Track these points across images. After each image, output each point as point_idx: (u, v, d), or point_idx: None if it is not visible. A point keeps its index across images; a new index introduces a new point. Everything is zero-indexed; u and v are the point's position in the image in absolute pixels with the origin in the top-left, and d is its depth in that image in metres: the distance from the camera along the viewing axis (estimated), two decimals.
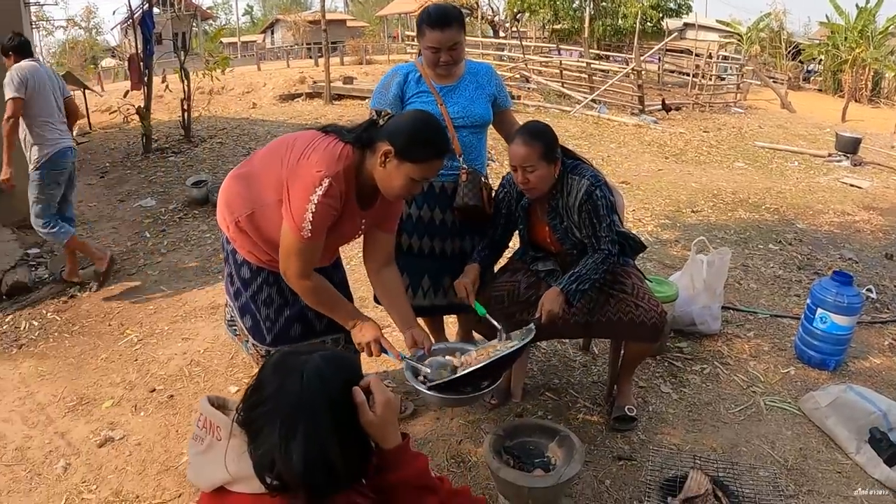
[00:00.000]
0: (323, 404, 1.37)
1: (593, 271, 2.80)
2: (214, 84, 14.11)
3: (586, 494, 2.77)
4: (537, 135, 2.75)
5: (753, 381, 3.68)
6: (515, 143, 2.76)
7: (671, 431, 3.21)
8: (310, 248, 2.27)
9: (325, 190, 2.17)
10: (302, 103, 16.39)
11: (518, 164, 2.74)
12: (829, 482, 2.88)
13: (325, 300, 2.46)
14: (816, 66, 29.65)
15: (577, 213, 2.83)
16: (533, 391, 3.49)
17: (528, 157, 2.71)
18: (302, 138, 2.34)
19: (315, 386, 1.37)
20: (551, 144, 2.76)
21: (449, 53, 2.92)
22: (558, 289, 2.75)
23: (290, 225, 2.23)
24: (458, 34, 2.91)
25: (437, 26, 2.86)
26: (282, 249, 2.31)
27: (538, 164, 2.72)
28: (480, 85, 3.12)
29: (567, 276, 2.79)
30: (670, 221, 6.80)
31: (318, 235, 2.24)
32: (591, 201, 2.80)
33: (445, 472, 2.89)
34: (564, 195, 2.86)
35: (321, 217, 2.21)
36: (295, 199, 2.21)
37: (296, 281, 2.35)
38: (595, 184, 2.82)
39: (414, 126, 2.25)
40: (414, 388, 2.41)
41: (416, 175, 2.25)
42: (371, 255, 2.65)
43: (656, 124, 13.75)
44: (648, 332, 2.89)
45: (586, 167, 2.90)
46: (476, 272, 2.95)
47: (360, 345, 2.46)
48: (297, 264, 2.30)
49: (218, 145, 10.27)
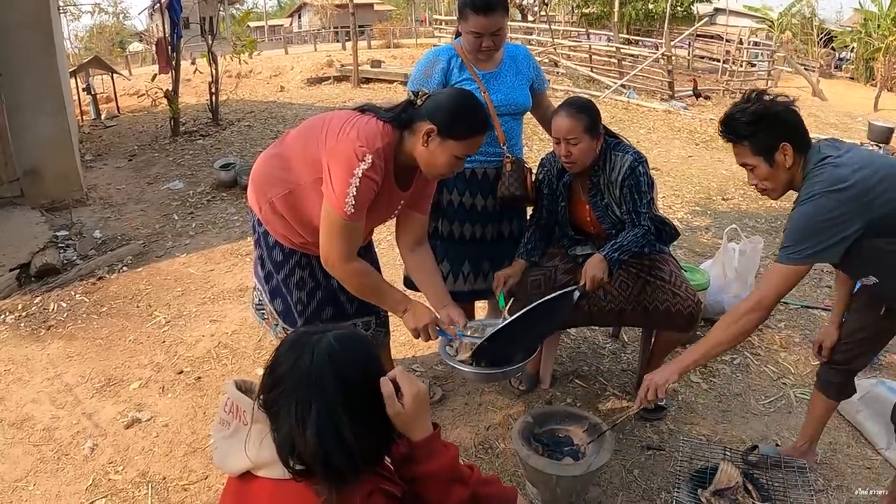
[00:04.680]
0: (333, 381, 1.34)
1: (634, 244, 2.76)
2: (242, 68, 14.14)
3: (614, 483, 2.73)
4: (581, 108, 2.73)
5: (784, 372, 3.62)
6: (560, 115, 2.73)
7: (700, 422, 3.16)
8: (353, 228, 2.24)
9: (368, 164, 2.15)
10: (330, 87, 16.35)
11: (562, 137, 2.72)
12: (858, 478, 2.82)
13: (371, 285, 2.42)
14: (848, 54, 29.05)
15: (619, 187, 2.82)
16: (562, 378, 3.46)
17: (573, 129, 2.69)
18: (338, 117, 2.31)
19: (324, 362, 1.35)
20: (595, 118, 2.75)
21: (492, 39, 2.85)
22: (601, 255, 2.71)
23: (332, 203, 2.19)
24: (502, 19, 2.83)
25: (481, 11, 2.77)
26: (323, 232, 2.27)
27: (582, 136, 2.70)
28: (520, 70, 3.07)
29: (609, 245, 2.75)
30: (701, 209, 6.71)
31: (360, 213, 2.21)
32: (634, 176, 2.78)
33: (473, 458, 2.87)
34: (607, 171, 2.84)
35: (364, 193, 2.18)
36: (337, 175, 2.17)
37: (340, 265, 2.30)
38: (638, 160, 2.81)
39: (455, 103, 2.23)
40: (445, 370, 2.39)
41: (460, 152, 2.23)
42: (405, 236, 2.63)
43: (686, 110, 13.57)
44: (684, 321, 2.84)
45: (628, 145, 2.90)
46: (519, 269, 2.97)
47: (416, 329, 2.41)
48: (340, 246, 2.25)
49: (246, 128, 10.30)
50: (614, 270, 2.74)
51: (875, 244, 2.09)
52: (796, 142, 2.17)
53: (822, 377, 2.67)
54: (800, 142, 2.19)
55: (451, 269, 3.17)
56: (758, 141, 2.19)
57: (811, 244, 2.08)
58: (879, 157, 2.20)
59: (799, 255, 2.11)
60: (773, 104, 2.20)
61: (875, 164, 2.10)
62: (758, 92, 2.27)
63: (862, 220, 2.04)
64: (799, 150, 2.18)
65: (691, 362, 2.33)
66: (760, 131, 2.17)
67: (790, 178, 2.22)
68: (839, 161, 2.09)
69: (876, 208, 2.04)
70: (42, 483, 2.78)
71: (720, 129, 2.30)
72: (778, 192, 2.28)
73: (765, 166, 2.21)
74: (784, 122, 2.18)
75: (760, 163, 2.21)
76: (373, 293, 2.44)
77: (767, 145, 2.18)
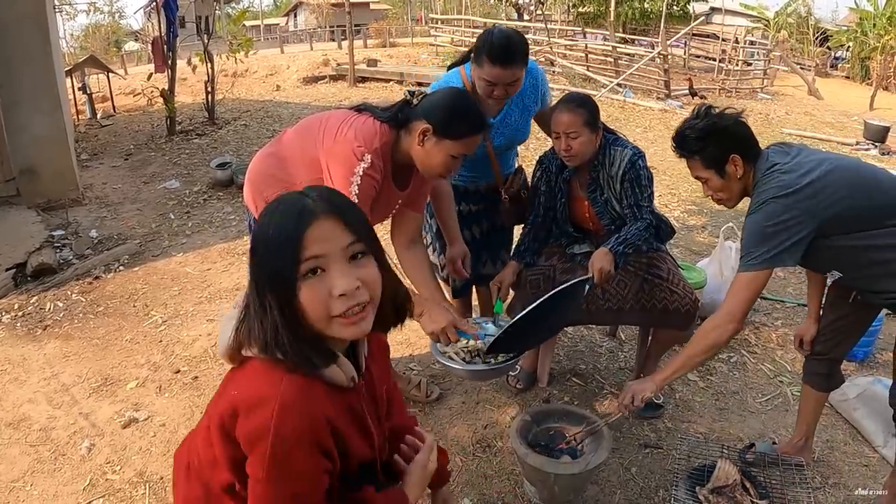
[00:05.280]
0: (272, 245, 1.24)
1: (637, 237, 2.78)
2: (238, 67, 14.12)
3: (612, 482, 2.74)
4: (581, 103, 2.75)
5: (781, 370, 3.63)
6: (559, 110, 2.74)
7: (698, 420, 3.17)
8: None
9: (368, 164, 2.15)
10: (326, 86, 16.35)
11: (562, 131, 2.72)
12: (855, 475, 2.83)
13: None
14: (844, 53, 29.09)
15: (620, 182, 2.83)
16: (559, 376, 3.46)
17: (573, 123, 2.70)
18: (335, 116, 2.32)
19: (267, 222, 1.27)
20: (594, 113, 2.76)
21: (505, 88, 2.67)
22: (606, 248, 2.72)
23: None
24: (520, 70, 2.65)
25: (498, 62, 2.58)
26: None
27: (581, 130, 2.71)
28: (526, 107, 2.99)
29: (614, 239, 2.76)
30: (697, 207, 6.71)
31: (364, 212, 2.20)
32: (635, 170, 2.80)
33: (471, 456, 2.87)
34: (606, 166, 2.84)
35: (366, 192, 2.18)
36: (337, 175, 2.18)
37: None
38: (638, 153, 2.83)
39: (451, 103, 2.23)
40: (443, 369, 2.38)
41: (456, 151, 2.23)
42: (400, 234, 2.63)
43: (682, 109, 13.57)
44: (682, 319, 2.85)
45: (626, 140, 2.91)
46: (513, 270, 2.99)
47: (434, 333, 2.38)
48: None
49: (242, 127, 10.29)
50: (620, 263, 2.75)
51: (831, 242, 2.17)
52: (745, 153, 2.27)
53: (807, 370, 2.72)
54: (749, 152, 2.28)
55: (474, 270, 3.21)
56: (707, 155, 2.30)
57: (766, 249, 2.15)
58: (829, 157, 2.24)
59: (756, 260, 2.18)
60: (721, 118, 2.31)
61: (823, 165, 2.16)
62: (706, 107, 2.37)
63: (814, 222, 2.11)
64: (748, 161, 2.28)
65: (669, 374, 2.41)
66: (710, 145, 2.28)
67: (743, 187, 2.32)
68: (786, 167, 2.17)
69: (826, 209, 2.11)
70: (39, 483, 2.77)
71: (672, 145, 2.40)
72: (733, 201, 2.38)
73: (717, 178, 2.31)
74: (732, 135, 2.28)
75: (712, 175, 2.32)
76: None
77: (717, 158, 2.28)
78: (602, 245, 2.77)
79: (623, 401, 2.39)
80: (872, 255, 2.17)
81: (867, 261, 2.19)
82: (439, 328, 2.36)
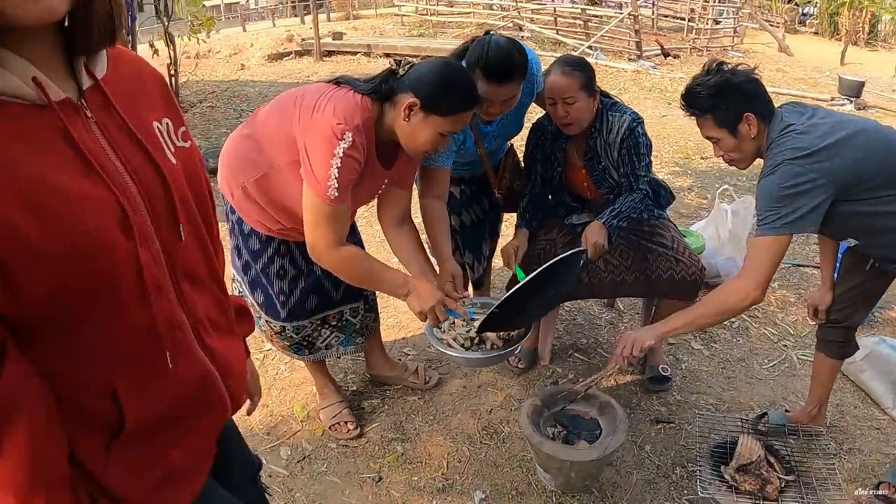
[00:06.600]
0: None
1: (632, 210, 2.64)
2: (200, 48, 13.75)
3: (627, 462, 2.63)
4: (576, 65, 2.56)
5: (783, 334, 3.55)
6: (554, 74, 2.55)
7: (707, 390, 3.07)
8: (339, 212, 2.04)
9: (349, 143, 1.94)
10: (292, 62, 15.97)
11: (557, 97, 2.53)
12: (868, 439, 2.77)
13: (366, 271, 2.21)
14: (812, 9, 29.08)
15: (618, 149, 2.66)
16: (560, 353, 3.34)
17: (569, 87, 2.51)
18: (311, 91, 2.10)
19: None
20: (591, 75, 2.58)
21: (500, 106, 2.43)
22: (600, 222, 2.58)
23: (313, 188, 1.99)
24: (517, 87, 2.39)
25: (494, 79, 2.31)
26: (307, 220, 2.07)
27: (578, 95, 2.52)
28: (520, 104, 2.64)
29: (608, 212, 2.62)
30: (681, 168, 6.61)
31: (345, 195, 2.01)
32: (633, 137, 2.63)
33: (479, 445, 2.74)
34: (604, 133, 2.67)
35: (347, 174, 1.98)
36: (316, 157, 1.97)
37: (328, 254, 2.10)
38: (636, 120, 2.67)
39: (441, 75, 2.01)
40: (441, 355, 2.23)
41: (444, 128, 2.03)
42: (388, 212, 2.43)
43: (655, 69, 13.45)
44: (688, 288, 2.73)
45: (625, 105, 2.73)
46: (524, 237, 2.83)
47: (422, 313, 2.20)
48: (327, 233, 2.06)
49: (208, 109, 9.99)
50: (614, 238, 2.61)
51: (848, 208, 2.06)
52: (759, 111, 2.13)
53: (822, 338, 2.61)
54: (763, 111, 2.14)
55: (474, 257, 3.10)
56: (720, 113, 2.15)
57: (785, 213, 2.02)
58: (846, 119, 2.11)
59: (777, 224, 2.05)
60: (733, 75, 2.15)
61: (840, 128, 2.04)
62: (717, 63, 2.21)
63: (832, 186, 1.99)
64: (762, 119, 2.14)
65: (673, 329, 2.27)
66: (722, 103, 2.14)
67: (756, 148, 2.18)
68: (802, 128, 2.05)
69: (844, 172, 2.00)
70: None
71: (681, 103, 2.25)
72: (746, 161, 2.25)
73: (729, 138, 2.18)
74: (746, 93, 2.14)
75: (725, 135, 2.18)
76: (368, 278, 2.25)
77: (730, 117, 2.14)
78: (596, 218, 2.63)
79: (622, 351, 2.25)
80: (890, 221, 2.07)
81: (885, 227, 2.09)
82: (427, 307, 2.18)
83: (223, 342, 1.19)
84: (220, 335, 1.19)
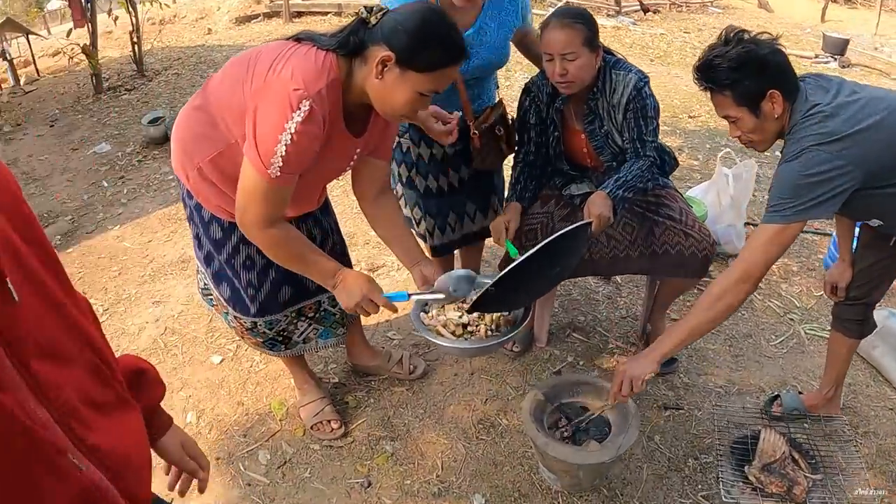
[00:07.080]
0: None
1: (638, 179, 2.36)
2: (164, 13, 13.25)
3: (637, 455, 2.43)
4: (578, 16, 2.28)
5: (789, 306, 3.36)
6: (552, 28, 2.26)
7: (715, 371, 2.87)
8: (279, 191, 1.76)
9: (304, 115, 1.64)
10: (260, 24, 15.40)
11: (556, 53, 2.25)
12: (882, 421, 2.61)
13: (295, 253, 1.91)
14: None
15: (623, 111, 2.39)
16: (558, 332, 3.11)
17: (570, 42, 2.22)
18: (268, 50, 1.80)
19: None
20: (594, 29, 2.30)
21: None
22: (604, 192, 2.30)
23: (253, 161, 1.70)
24: None
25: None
26: (240, 190, 1.78)
27: (580, 50, 2.24)
28: (504, 21, 2.47)
29: (612, 181, 2.34)
30: (668, 128, 6.33)
31: (289, 177, 1.73)
32: (641, 98, 2.36)
33: (475, 440, 2.52)
34: (607, 93, 2.39)
35: (299, 151, 1.68)
36: (263, 126, 1.67)
37: (256, 230, 1.82)
38: (643, 79, 2.38)
39: (420, 25, 1.70)
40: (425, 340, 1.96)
41: (425, 87, 1.74)
42: (363, 185, 2.15)
43: (635, 26, 13.13)
44: (699, 265, 2.49)
45: (629, 63, 2.45)
46: (516, 211, 2.55)
47: (353, 307, 1.91)
48: (258, 210, 1.77)
49: (174, 77, 9.55)
50: (619, 210, 2.35)
51: (874, 192, 1.85)
52: (785, 88, 1.86)
53: (839, 316, 2.40)
54: (789, 87, 1.87)
55: (435, 224, 2.77)
56: (741, 89, 1.87)
57: (803, 200, 1.80)
58: (873, 98, 1.86)
59: (789, 211, 1.83)
60: (757, 45, 1.87)
61: (870, 111, 1.80)
62: (737, 31, 1.92)
63: (860, 173, 1.78)
64: (787, 97, 1.87)
65: (671, 348, 2.05)
66: (745, 78, 1.86)
67: (779, 128, 1.93)
68: (829, 109, 1.80)
69: (873, 160, 1.79)
70: None
71: (696, 76, 1.96)
72: (766, 143, 1.99)
73: (750, 117, 1.91)
74: (771, 66, 1.87)
75: (745, 114, 1.91)
76: (298, 262, 1.94)
77: (753, 94, 1.87)
78: (599, 188, 2.37)
79: (622, 390, 2.01)
80: None
81: None
82: (355, 302, 1.88)
83: (112, 428, 0.89)
84: (106, 416, 0.88)
